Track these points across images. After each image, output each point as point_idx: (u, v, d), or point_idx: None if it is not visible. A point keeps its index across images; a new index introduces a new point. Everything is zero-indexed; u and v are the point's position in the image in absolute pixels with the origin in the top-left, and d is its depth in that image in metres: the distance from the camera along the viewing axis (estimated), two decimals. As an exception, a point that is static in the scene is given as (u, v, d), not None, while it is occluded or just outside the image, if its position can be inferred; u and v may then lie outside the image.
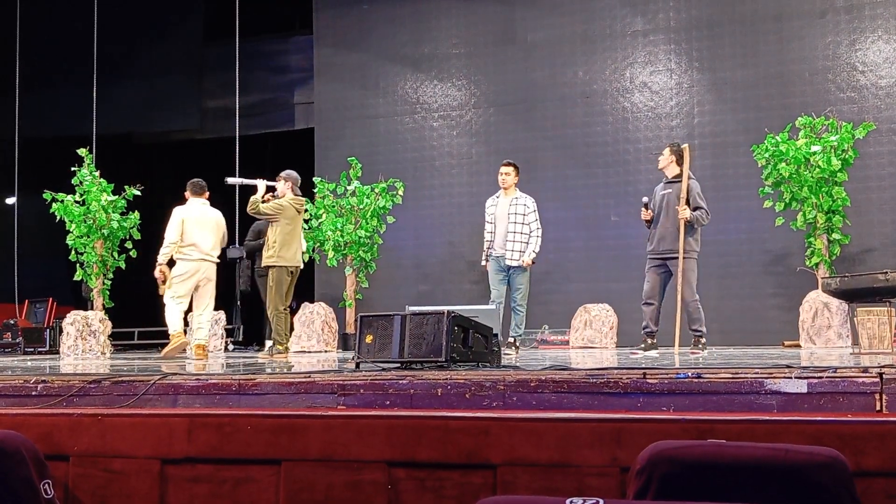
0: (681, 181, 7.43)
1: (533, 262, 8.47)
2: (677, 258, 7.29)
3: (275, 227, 7.81)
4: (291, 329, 11.08)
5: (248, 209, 7.86)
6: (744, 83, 11.20)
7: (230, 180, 8.19)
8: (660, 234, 7.47)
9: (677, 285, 7.35)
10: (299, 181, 8.13)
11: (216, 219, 8.60)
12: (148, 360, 8.10)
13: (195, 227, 8.29)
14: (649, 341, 7.37)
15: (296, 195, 8.00)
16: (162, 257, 8.32)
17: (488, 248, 8.48)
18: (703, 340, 7.35)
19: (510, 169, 8.52)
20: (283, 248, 7.75)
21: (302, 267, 8.14)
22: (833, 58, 10.88)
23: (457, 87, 12.70)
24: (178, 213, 8.32)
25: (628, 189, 11.12)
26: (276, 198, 7.94)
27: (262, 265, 7.92)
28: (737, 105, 11.23)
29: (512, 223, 8.29)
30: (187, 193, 8.55)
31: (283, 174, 8.06)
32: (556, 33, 12.17)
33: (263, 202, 7.80)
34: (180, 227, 8.23)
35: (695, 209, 7.28)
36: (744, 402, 3.70)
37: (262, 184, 7.94)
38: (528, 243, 8.34)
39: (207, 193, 8.64)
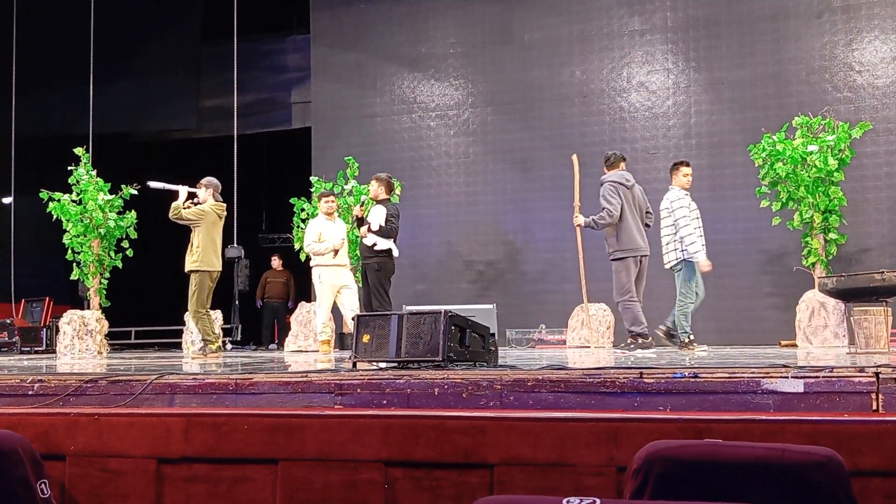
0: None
1: None
2: (610, 260, 7.41)
3: (197, 233, 7.83)
4: (289, 328, 11.10)
5: (169, 215, 7.83)
6: (741, 83, 11.22)
7: (153, 185, 8.19)
8: None
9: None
10: (220, 188, 8.14)
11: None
12: (144, 360, 8.10)
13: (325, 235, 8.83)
14: (633, 341, 7.41)
15: (217, 201, 8.02)
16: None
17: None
18: (634, 341, 7.36)
19: None
20: (206, 254, 7.79)
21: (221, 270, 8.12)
22: (830, 58, 10.89)
23: (454, 86, 12.71)
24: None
25: (625, 189, 11.12)
26: (197, 204, 7.94)
27: (187, 270, 7.88)
28: (734, 105, 11.25)
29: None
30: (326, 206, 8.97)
31: (203, 181, 8.06)
32: (554, 33, 12.18)
33: (185, 208, 7.81)
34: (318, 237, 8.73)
35: (602, 210, 7.33)
36: (740, 401, 3.71)
37: (183, 190, 7.93)
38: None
39: None
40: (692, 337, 7.85)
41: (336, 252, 8.60)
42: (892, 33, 10.69)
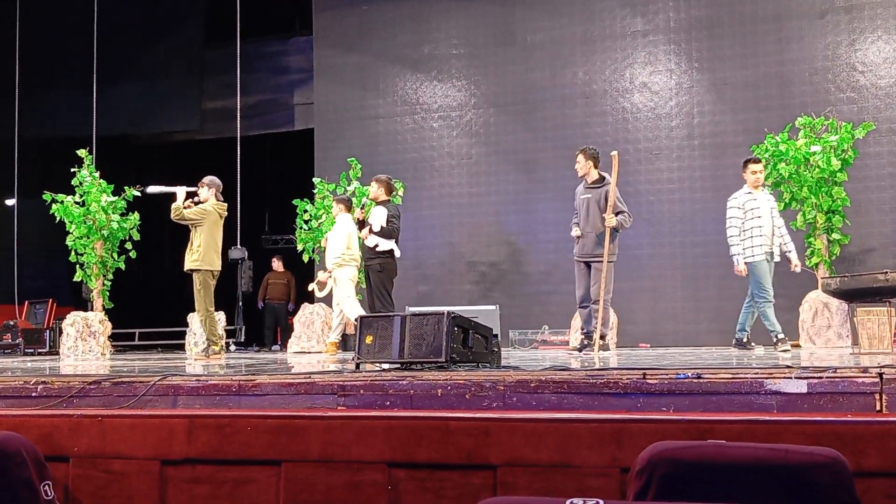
0: (600, 186, 7.55)
1: None
2: (599, 261, 7.42)
3: (198, 232, 7.84)
4: (292, 329, 11.11)
5: (171, 216, 7.83)
6: (744, 83, 11.21)
7: (151, 190, 8.18)
8: (583, 238, 7.70)
9: (595, 287, 7.46)
10: (221, 187, 8.15)
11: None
12: (148, 361, 8.10)
13: (354, 239, 8.81)
14: (600, 341, 7.42)
15: (218, 200, 8.04)
16: (331, 266, 8.74)
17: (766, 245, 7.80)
18: (602, 340, 7.54)
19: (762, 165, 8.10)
20: (208, 252, 7.82)
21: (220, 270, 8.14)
22: (833, 58, 10.88)
23: (456, 87, 12.71)
24: (345, 228, 8.77)
25: (628, 189, 11.09)
26: (199, 203, 7.95)
27: (187, 269, 7.88)
28: (736, 105, 11.24)
29: (777, 217, 7.96)
30: (343, 208, 8.97)
31: (206, 180, 8.05)
32: (556, 34, 12.18)
33: (185, 208, 7.82)
34: (348, 239, 8.71)
35: (617, 213, 7.37)
36: (744, 402, 3.70)
37: (181, 190, 7.93)
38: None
39: None
40: (781, 336, 7.62)
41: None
42: (895, 33, 10.68)
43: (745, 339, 7.97)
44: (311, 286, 9.23)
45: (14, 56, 14.19)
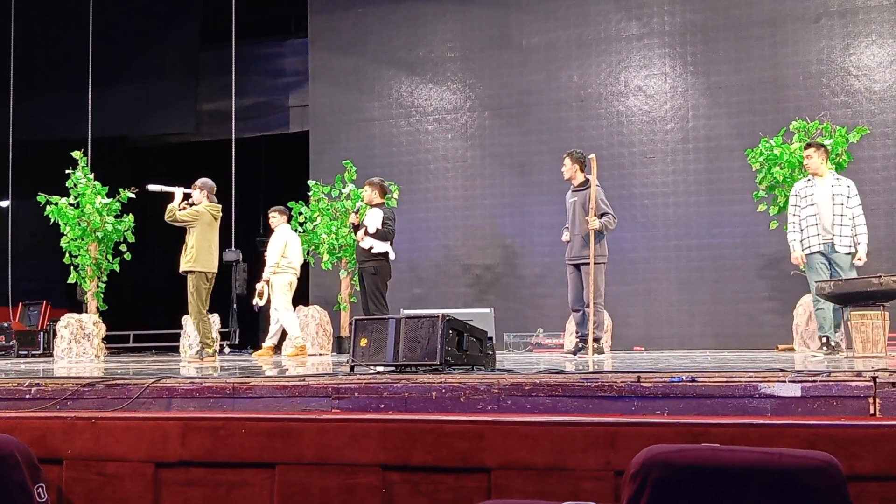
0: (585, 189, 7.55)
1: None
2: (586, 264, 7.42)
3: (192, 234, 7.91)
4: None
5: (165, 217, 7.93)
6: (738, 87, 11.24)
7: (152, 188, 8.28)
8: (571, 241, 7.72)
9: (586, 290, 7.46)
10: (214, 188, 8.20)
11: (297, 239, 9.77)
12: (142, 363, 8.09)
13: (291, 248, 9.46)
14: (595, 345, 7.38)
15: (211, 202, 8.07)
16: (267, 275, 9.36)
17: (821, 236, 7.36)
18: (599, 345, 7.50)
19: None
20: (201, 254, 7.88)
21: (216, 272, 8.16)
22: (827, 62, 10.92)
23: (452, 90, 12.72)
24: (281, 237, 9.42)
25: (623, 193, 11.14)
26: (192, 205, 7.99)
27: (181, 270, 7.94)
28: (731, 109, 11.27)
29: (839, 205, 7.39)
30: (283, 218, 9.68)
31: (198, 182, 8.12)
32: (551, 37, 12.20)
33: (180, 210, 7.87)
34: (284, 248, 9.36)
35: (601, 215, 7.38)
36: (738, 405, 3.71)
37: (178, 191, 8.01)
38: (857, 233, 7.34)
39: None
40: (825, 339, 7.20)
41: None
42: (889, 38, 10.72)
43: (821, 342, 7.32)
44: (254, 300, 9.52)
45: (9, 57, 14.16)
